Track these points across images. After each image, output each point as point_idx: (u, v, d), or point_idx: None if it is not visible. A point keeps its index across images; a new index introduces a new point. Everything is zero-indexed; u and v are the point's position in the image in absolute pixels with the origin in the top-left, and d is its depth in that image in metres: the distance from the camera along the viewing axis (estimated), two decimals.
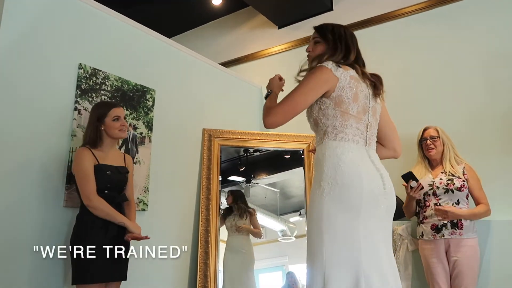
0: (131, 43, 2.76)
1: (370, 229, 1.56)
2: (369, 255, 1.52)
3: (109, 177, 2.09)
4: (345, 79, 1.65)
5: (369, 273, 1.49)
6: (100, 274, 1.98)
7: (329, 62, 1.66)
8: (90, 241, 1.97)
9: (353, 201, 1.55)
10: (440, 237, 2.42)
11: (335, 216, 1.54)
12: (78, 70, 2.36)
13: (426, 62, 3.16)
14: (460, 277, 2.34)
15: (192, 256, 2.95)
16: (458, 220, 2.41)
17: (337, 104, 1.65)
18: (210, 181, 3.10)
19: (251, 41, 4.28)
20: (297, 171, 3.46)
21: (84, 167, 2.03)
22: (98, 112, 2.15)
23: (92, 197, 2.00)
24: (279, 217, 3.53)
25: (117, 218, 2.05)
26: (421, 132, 2.65)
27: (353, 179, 1.56)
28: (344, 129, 1.64)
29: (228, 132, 3.31)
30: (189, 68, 3.21)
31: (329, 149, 1.64)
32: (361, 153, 1.65)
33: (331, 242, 1.53)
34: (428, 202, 2.52)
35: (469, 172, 2.52)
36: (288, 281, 3.40)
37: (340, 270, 1.50)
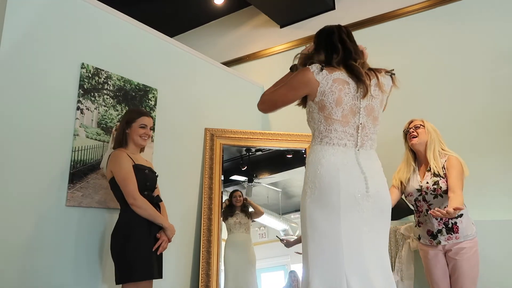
0: (133, 43, 2.76)
1: (354, 232, 1.57)
2: (352, 257, 1.53)
3: (148, 176, 2.19)
4: (326, 83, 1.63)
5: (350, 275, 1.51)
6: (145, 272, 2.04)
7: (314, 65, 1.66)
8: (136, 240, 2.04)
9: (331, 204, 1.57)
10: (437, 243, 2.36)
11: (317, 218, 1.58)
12: (81, 70, 2.37)
13: (429, 62, 3.15)
14: (460, 279, 2.31)
15: (194, 255, 2.95)
16: (452, 224, 2.32)
17: (320, 109, 1.66)
18: (212, 181, 3.10)
19: (253, 41, 4.28)
20: (299, 170, 3.46)
21: (125, 167, 2.11)
22: (129, 116, 2.27)
23: (136, 196, 2.07)
24: (281, 217, 3.53)
25: (157, 219, 2.13)
26: (407, 124, 2.55)
27: (330, 182, 1.58)
28: (328, 133, 1.65)
29: (230, 132, 3.31)
30: (191, 67, 3.21)
31: (312, 153, 1.68)
32: (347, 156, 1.64)
33: (314, 244, 1.57)
34: (420, 208, 2.44)
35: (448, 162, 2.36)
36: (290, 280, 3.40)
37: (322, 272, 1.53)
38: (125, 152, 2.18)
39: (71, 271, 2.18)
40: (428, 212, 2.27)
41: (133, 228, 2.06)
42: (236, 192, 3.36)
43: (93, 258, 2.27)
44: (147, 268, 2.04)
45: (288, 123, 3.55)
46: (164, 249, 2.15)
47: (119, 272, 2.03)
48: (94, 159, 2.37)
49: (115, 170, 2.11)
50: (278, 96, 1.74)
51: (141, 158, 2.30)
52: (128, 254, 2.02)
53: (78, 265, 2.21)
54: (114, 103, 2.52)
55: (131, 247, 2.02)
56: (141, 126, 2.24)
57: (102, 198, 2.34)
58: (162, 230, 2.16)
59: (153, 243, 2.11)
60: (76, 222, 2.23)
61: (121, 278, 2.02)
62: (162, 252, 2.14)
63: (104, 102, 2.47)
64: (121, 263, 2.03)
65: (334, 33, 1.75)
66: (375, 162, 1.71)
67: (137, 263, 2.01)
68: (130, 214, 2.08)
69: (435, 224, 2.35)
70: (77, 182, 2.26)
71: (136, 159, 2.21)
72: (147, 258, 2.05)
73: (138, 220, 2.08)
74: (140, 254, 2.03)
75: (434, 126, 2.50)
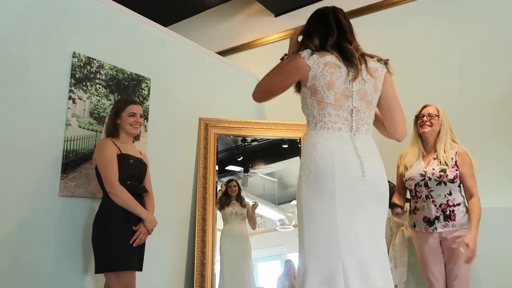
0: (126, 32, 2.73)
1: (350, 217, 1.55)
2: (348, 243, 1.53)
3: (132, 165, 2.16)
4: (317, 67, 1.62)
5: (346, 260, 1.50)
6: (124, 262, 2.01)
7: (304, 51, 1.66)
8: (114, 229, 2.02)
9: (326, 189, 1.56)
10: (433, 230, 2.36)
11: (313, 204, 1.57)
12: (72, 59, 2.35)
13: (423, 50, 3.14)
14: (455, 266, 2.31)
15: (189, 245, 2.96)
16: (450, 212, 2.33)
17: (313, 93, 1.65)
18: (207, 170, 3.10)
19: (248, 30, 4.25)
20: (295, 160, 3.46)
21: (107, 156, 2.09)
22: (117, 107, 2.25)
23: (114, 184, 2.05)
24: (277, 207, 3.53)
25: (136, 209, 2.09)
26: (420, 109, 2.49)
27: (325, 167, 1.57)
28: (322, 118, 1.64)
29: (224, 121, 3.30)
30: (185, 57, 3.19)
31: (307, 139, 1.67)
32: (342, 140, 1.62)
33: (309, 230, 1.56)
34: (419, 193, 2.42)
35: (461, 158, 2.37)
36: (286, 269, 3.42)
37: (317, 258, 1.52)
38: (112, 141, 2.16)
39: (64, 261, 2.18)
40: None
41: (111, 218, 2.04)
42: (232, 181, 3.35)
43: (86, 247, 2.27)
44: (124, 259, 2.01)
45: (283, 113, 3.54)
46: (141, 241, 2.09)
47: (96, 261, 2.02)
48: (87, 149, 2.35)
49: (98, 158, 2.10)
50: (272, 84, 1.73)
51: (132, 148, 2.28)
52: (105, 244, 2.00)
53: (71, 255, 2.21)
54: (106, 93, 2.50)
55: (108, 237, 2.00)
56: (130, 115, 2.22)
57: (96, 188, 2.33)
58: (142, 221, 2.11)
59: (130, 234, 2.06)
60: (69, 212, 2.23)
61: (98, 268, 2.01)
62: (139, 244, 2.09)
63: (96, 91, 2.46)
64: (98, 252, 2.02)
65: (329, 12, 1.73)
66: (372, 147, 1.69)
67: (114, 253, 1.99)
68: (109, 203, 2.05)
69: (433, 210, 2.35)
70: (70, 172, 2.25)
71: (125, 149, 2.19)
72: (124, 249, 2.01)
73: (116, 210, 2.04)
74: (116, 244, 2.00)
75: (447, 116, 2.44)
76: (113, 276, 2.00)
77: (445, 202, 2.36)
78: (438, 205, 2.36)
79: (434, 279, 2.38)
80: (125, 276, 2.01)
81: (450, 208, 2.34)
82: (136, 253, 2.08)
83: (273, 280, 3.39)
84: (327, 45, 1.67)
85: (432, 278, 2.39)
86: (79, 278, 2.22)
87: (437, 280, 2.37)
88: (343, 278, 1.48)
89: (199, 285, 2.84)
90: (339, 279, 1.48)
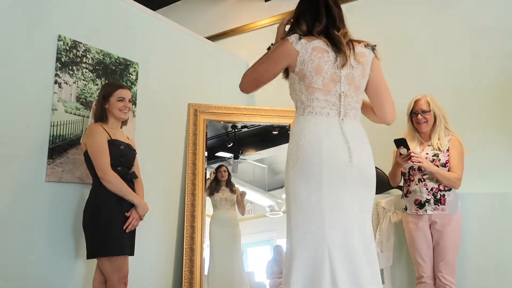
0: (113, 15, 2.68)
1: (337, 202, 1.56)
2: (334, 228, 1.54)
3: (123, 151, 2.15)
4: (305, 52, 1.62)
5: (332, 244, 1.51)
6: (118, 247, 2.02)
7: (292, 35, 1.65)
8: (106, 215, 2.02)
9: (313, 174, 1.56)
10: (423, 213, 2.43)
11: (300, 189, 1.58)
12: (58, 42, 2.30)
13: (413, 36, 3.14)
14: (443, 250, 2.39)
15: (178, 230, 2.97)
16: (441, 196, 2.42)
17: (301, 79, 1.64)
18: (196, 156, 3.09)
19: (238, 14, 4.20)
20: (284, 147, 3.45)
21: (99, 141, 2.06)
22: (105, 91, 2.21)
23: (107, 170, 2.03)
24: (267, 193, 3.55)
25: (128, 195, 2.08)
26: (412, 104, 2.55)
27: (312, 152, 1.57)
28: (310, 103, 1.63)
29: (214, 107, 3.28)
30: (174, 41, 3.14)
31: (296, 124, 1.67)
32: (330, 126, 1.62)
33: (296, 215, 1.57)
34: (412, 176, 2.51)
35: (452, 143, 2.48)
36: (275, 254, 3.46)
37: (304, 242, 1.54)
38: (102, 126, 2.14)
39: (51, 246, 2.17)
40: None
41: (102, 203, 2.03)
42: (222, 167, 3.35)
43: (75, 232, 2.26)
44: (118, 243, 2.02)
45: (272, 99, 3.53)
46: (133, 227, 2.10)
47: (88, 246, 2.02)
48: (73, 134, 2.33)
49: (89, 143, 2.08)
50: (259, 72, 1.71)
51: (121, 134, 2.26)
52: (97, 229, 2.00)
53: (58, 240, 2.20)
54: (93, 77, 2.47)
55: (100, 222, 2.00)
56: (119, 99, 2.19)
57: (84, 173, 2.31)
58: (134, 207, 2.11)
59: (123, 219, 2.07)
60: (56, 197, 2.21)
61: (89, 253, 2.01)
62: (131, 230, 2.10)
63: (83, 76, 2.42)
64: (90, 238, 2.02)
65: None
66: (360, 132, 1.69)
67: (107, 238, 1.99)
68: (101, 188, 2.05)
69: (425, 193, 2.44)
70: (57, 158, 2.22)
71: (114, 134, 2.17)
72: (116, 234, 2.02)
73: (109, 195, 2.04)
74: (109, 230, 2.00)
75: (438, 104, 2.51)
76: (106, 261, 2.00)
77: (436, 186, 2.44)
78: (429, 189, 2.45)
79: (422, 261, 2.44)
80: (118, 260, 2.02)
81: (441, 192, 2.43)
82: (128, 238, 2.09)
83: (262, 265, 3.43)
84: (314, 31, 1.66)
85: (420, 260, 2.45)
86: (68, 264, 2.22)
87: (425, 262, 2.43)
88: (329, 262, 1.50)
89: (188, 269, 2.86)
90: (325, 263, 1.49)
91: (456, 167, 2.44)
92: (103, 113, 2.19)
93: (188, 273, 2.86)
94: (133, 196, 2.11)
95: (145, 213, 2.15)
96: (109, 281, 2.02)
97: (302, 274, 1.51)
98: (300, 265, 1.52)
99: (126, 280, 2.07)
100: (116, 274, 2.01)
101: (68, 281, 2.22)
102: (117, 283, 2.01)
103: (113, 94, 2.18)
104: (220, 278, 3.08)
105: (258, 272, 3.43)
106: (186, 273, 2.85)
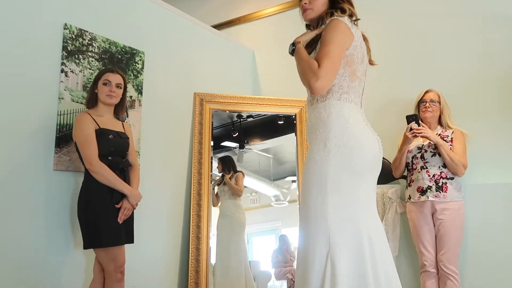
0: (119, 4, 2.66)
1: (369, 191, 1.58)
2: (369, 216, 1.54)
3: (111, 141, 2.10)
4: (358, 38, 1.59)
5: (370, 234, 1.50)
6: (111, 238, 2.01)
7: (344, 17, 1.57)
8: (97, 206, 2.01)
9: (360, 164, 1.53)
10: (425, 199, 2.46)
11: (341, 178, 1.51)
12: (64, 31, 2.29)
13: (422, 25, 3.09)
14: (444, 239, 2.40)
15: (184, 219, 2.99)
16: (443, 183, 2.44)
17: (347, 64, 1.57)
18: (202, 145, 3.09)
19: (244, 2, 4.14)
20: (290, 136, 3.46)
21: (86, 132, 2.03)
22: (96, 75, 2.18)
23: (94, 161, 2.01)
24: (272, 183, 3.56)
25: (118, 185, 2.05)
26: (422, 94, 2.63)
27: (361, 142, 1.54)
28: (349, 89, 1.59)
29: (219, 96, 3.27)
30: (180, 30, 3.12)
31: (335, 108, 1.57)
32: (361, 116, 1.63)
33: (335, 204, 1.50)
34: (415, 165, 2.55)
35: (455, 134, 2.53)
36: (280, 244, 3.48)
37: (344, 231, 1.48)
38: (89, 115, 2.09)
39: (59, 234, 2.19)
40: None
41: (92, 194, 2.02)
42: (218, 160, 3.36)
43: None
44: (111, 234, 2.01)
45: (278, 88, 3.51)
46: (126, 217, 2.08)
47: (84, 237, 2.02)
48: None
49: (76, 134, 2.06)
50: (335, 60, 1.50)
51: (110, 121, 2.18)
52: (89, 221, 2.00)
53: (66, 228, 2.22)
54: (99, 66, 2.46)
55: (93, 213, 2.00)
56: (104, 83, 2.12)
57: None
58: (125, 197, 2.07)
59: (115, 209, 2.04)
60: (64, 186, 2.23)
61: (86, 244, 2.01)
62: (124, 219, 2.07)
63: (89, 64, 2.41)
64: (85, 229, 2.02)
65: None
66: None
67: (101, 229, 1.98)
68: (91, 180, 2.02)
69: (426, 180, 2.48)
70: (64, 147, 2.23)
71: (102, 122, 2.11)
72: (110, 224, 2.01)
73: (99, 186, 2.01)
74: (102, 221, 1.99)
75: (446, 100, 2.61)
76: (101, 252, 2.01)
77: (438, 173, 2.48)
78: (431, 175, 2.49)
79: (424, 250, 2.45)
80: (113, 250, 2.02)
81: (443, 180, 2.47)
82: (123, 227, 2.07)
83: (267, 254, 3.46)
84: (354, 19, 1.64)
85: (423, 249, 2.46)
86: (73, 251, 2.24)
87: (427, 251, 2.45)
88: (369, 251, 1.47)
89: (195, 258, 2.89)
90: (365, 254, 1.46)
91: (460, 155, 2.47)
92: (92, 97, 2.16)
93: (195, 261, 2.88)
94: (123, 186, 2.07)
95: (137, 202, 2.12)
96: (106, 271, 2.03)
97: (346, 263, 1.45)
98: (343, 254, 1.46)
99: (122, 269, 2.06)
100: (112, 264, 2.01)
101: (74, 268, 2.25)
102: (114, 272, 2.02)
103: (100, 77, 2.14)
104: (222, 267, 3.11)
105: (263, 261, 3.45)
106: (192, 262, 2.88)
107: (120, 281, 2.05)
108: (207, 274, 2.91)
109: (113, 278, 2.02)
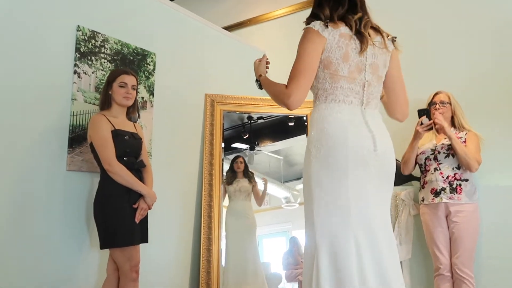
0: (131, 6, 2.68)
1: (361, 190, 1.54)
2: (359, 216, 1.51)
3: (127, 142, 2.13)
4: (333, 39, 1.57)
5: (358, 234, 1.49)
6: (127, 238, 2.03)
7: (316, 23, 1.59)
8: (114, 206, 2.03)
9: (339, 162, 1.52)
10: (439, 200, 2.42)
11: (323, 178, 1.53)
12: (77, 33, 2.32)
13: (434, 27, 3.05)
14: (459, 241, 2.35)
15: (196, 220, 2.99)
16: (457, 185, 2.40)
17: (325, 67, 1.58)
18: (213, 147, 3.09)
19: (255, 4, 4.15)
20: (300, 138, 3.45)
21: (102, 133, 2.05)
22: (109, 77, 2.19)
23: (112, 162, 2.03)
24: (283, 184, 3.54)
25: (135, 186, 2.08)
26: (432, 96, 2.59)
27: (338, 140, 1.53)
28: (334, 91, 1.59)
29: (230, 98, 3.27)
30: (191, 31, 3.14)
31: (317, 112, 1.62)
32: (353, 114, 1.59)
33: (320, 204, 1.53)
34: (428, 166, 2.51)
35: (469, 136, 2.48)
36: (291, 246, 3.46)
37: (330, 232, 1.50)
38: (105, 117, 2.11)
39: (72, 234, 2.21)
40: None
41: (111, 195, 2.04)
42: (238, 158, 3.35)
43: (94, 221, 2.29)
44: (127, 234, 2.02)
45: None
46: (142, 217, 2.10)
47: (100, 237, 2.04)
48: None
49: (93, 135, 2.07)
50: (302, 71, 1.56)
51: (125, 122, 2.22)
52: (106, 221, 2.01)
53: (80, 228, 2.24)
54: (112, 67, 2.48)
55: (109, 214, 2.01)
56: (120, 85, 2.14)
57: None
58: (141, 197, 2.10)
59: (132, 209, 2.06)
60: (77, 186, 2.24)
61: (102, 244, 2.03)
62: (140, 219, 2.09)
63: (101, 66, 2.43)
64: (101, 229, 2.04)
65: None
66: (380, 122, 1.66)
67: (117, 229, 2.00)
68: (108, 180, 2.04)
69: (440, 182, 2.44)
70: (77, 147, 2.25)
71: (117, 124, 2.14)
72: (126, 224, 2.03)
73: (116, 186, 2.03)
74: (118, 221, 2.01)
75: (457, 101, 2.56)
76: (117, 251, 2.03)
77: (452, 175, 2.44)
78: (445, 177, 2.45)
79: (438, 253, 2.41)
80: (128, 250, 2.04)
81: (457, 181, 2.43)
82: (138, 227, 2.09)
83: (278, 256, 3.44)
84: (335, 15, 1.61)
85: (437, 251, 2.42)
86: (85, 251, 2.26)
87: (442, 254, 2.41)
88: (355, 250, 1.47)
89: (206, 259, 2.88)
90: (351, 252, 1.47)
91: (471, 149, 2.43)
92: (107, 99, 2.17)
93: (206, 262, 2.88)
94: (140, 186, 2.10)
95: (153, 202, 2.14)
96: (121, 270, 2.05)
97: (328, 261, 1.48)
98: (326, 256, 1.49)
99: (137, 268, 2.08)
100: (128, 263, 2.03)
101: (87, 268, 2.26)
102: (129, 272, 2.04)
103: (116, 79, 2.16)
104: (234, 269, 3.10)
105: (274, 263, 3.44)
106: (203, 263, 2.87)
107: (135, 280, 2.06)
108: (218, 275, 2.90)
109: (128, 277, 2.04)
